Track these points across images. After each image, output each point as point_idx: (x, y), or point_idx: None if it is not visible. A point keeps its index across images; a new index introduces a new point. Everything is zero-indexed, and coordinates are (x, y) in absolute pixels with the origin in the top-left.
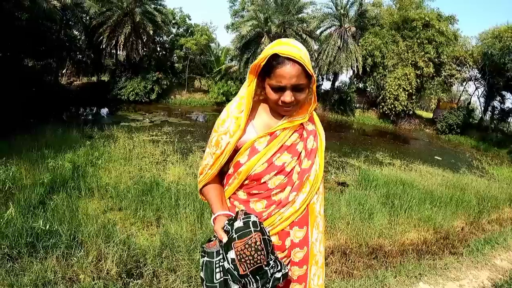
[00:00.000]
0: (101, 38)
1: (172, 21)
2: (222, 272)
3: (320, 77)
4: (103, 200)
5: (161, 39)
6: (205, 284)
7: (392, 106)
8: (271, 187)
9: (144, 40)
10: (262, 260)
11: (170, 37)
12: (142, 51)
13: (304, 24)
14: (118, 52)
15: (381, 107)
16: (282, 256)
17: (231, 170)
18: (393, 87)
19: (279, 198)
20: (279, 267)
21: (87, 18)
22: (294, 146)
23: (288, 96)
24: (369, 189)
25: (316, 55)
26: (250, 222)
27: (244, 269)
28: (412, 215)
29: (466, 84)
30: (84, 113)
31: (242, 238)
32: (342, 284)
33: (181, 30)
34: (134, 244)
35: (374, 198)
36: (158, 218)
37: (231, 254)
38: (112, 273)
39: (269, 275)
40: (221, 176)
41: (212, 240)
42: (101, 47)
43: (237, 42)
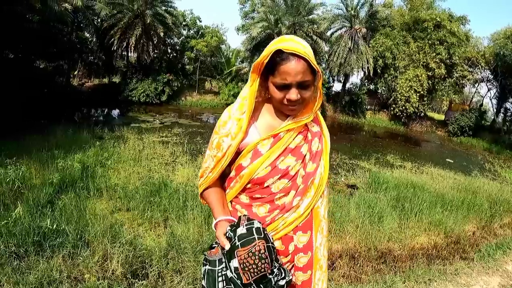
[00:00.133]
0: (112, 40)
1: (183, 23)
2: (224, 281)
3: (331, 78)
4: (112, 200)
5: (172, 41)
6: None
7: (404, 108)
8: (274, 191)
9: (154, 42)
10: (266, 268)
11: (181, 39)
12: (153, 53)
13: (315, 26)
14: (129, 54)
15: (392, 108)
16: (285, 261)
17: (232, 173)
18: (404, 88)
19: (282, 202)
20: (283, 275)
21: (98, 21)
22: (299, 149)
23: (294, 94)
24: (379, 192)
25: (326, 56)
26: (254, 229)
27: (248, 278)
28: (423, 218)
29: (478, 85)
30: (95, 114)
31: (246, 245)
32: None
33: (191, 32)
34: (141, 245)
35: (384, 201)
36: (166, 219)
37: (234, 263)
38: (117, 273)
39: (273, 283)
40: (222, 179)
41: (214, 247)
42: (112, 49)
43: (247, 43)
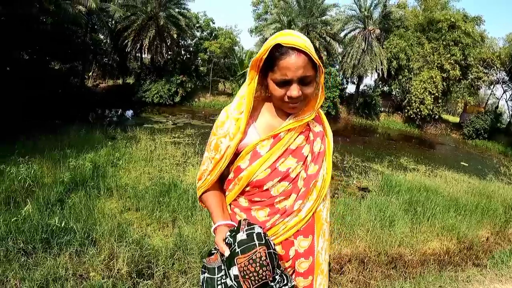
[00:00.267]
0: (126, 41)
1: (196, 24)
2: None
3: (344, 80)
4: (121, 200)
5: (185, 42)
6: None
7: (418, 110)
8: (274, 194)
9: (168, 44)
10: (267, 276)
11: (194, 40)
12: (167, 54)
13: (328, 27)
14: (143, 55)
15: (406, 111)
16: (286, 266)
17: (231, 175)
18: (418, 90)
19: (283, 206)
20: (285, 281)
21: (113, 22)
22: (300, 150)
23: (295, 90)
24: (391, 195)
25: (340, 58)
26: (254, 234)
27: (249, 286)
28: (435, 223)
29: (494, 87)
30: (109, 114)
31: (246, 252)
32: None
33: (205, 33)
34: (148, 245)
35: (396, 205)
36: (174, 220)
37: (234, 270)
38: (123, 272)
39: None
40: (222, 181)
41: (213, 254)
42: (126, 50)
43: (260, 45)
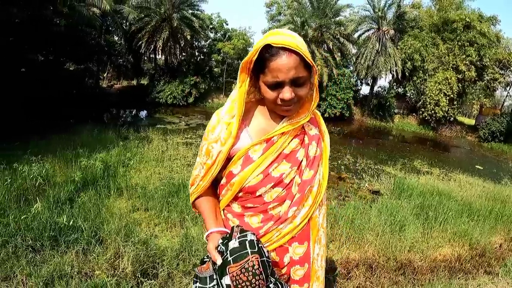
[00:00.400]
0: (140, 43)
1: (210, 26)
2: None
3: (358, 81)
4: (131, 199)
5: (199, 43)
6: None
7: (433, 112)
8: (267, 200)
9: (181, 45)
10: (260, 285)
11: (208, 41)
12: (180, 55)
13: (342, 28)
14: (157, 56)
15: (421, 112)
16: (281, 273)
17: (223, 181)
18: (433, 92)
19: (277, 212)
20: None
21: (127, 24)
22: (294, 154)
23: (287, 92)
24: (402, 199)
25: (354, 59)
26: (247, 242)
27: None
28: (447, 228)
29: (510, 88)
30: (123, 115)
31: (238, 261)
32: None
33: (218, 35)
34: (154, 245)
35: (408, 209)
36: (182, 220)
37: (226, 280)
38: (127, 271)
39: None
40: (215, 185)
41: (205, 262)
42: (140, 51)
43: None
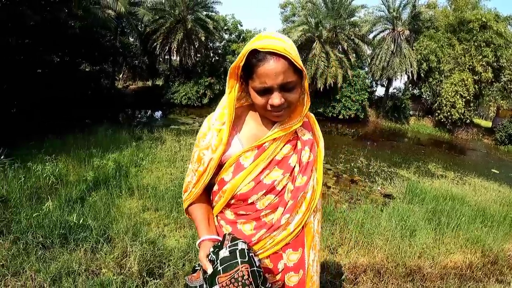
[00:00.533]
0: (155, 44)
1: (224, 27)
2: None
3: (373, 83)
4: (141, 199)
5: (213, 45)
6: None
7: (449, 114)
8: (260, 208)
9: (196, 46)
10: None
11: (223, 43)
12: (195, 56)
13: (356, 28)
14: (172, 57)
15: (436, 114)
16: (275, 280)
17: (216, 187)
18: (449, 93)
19: (270, 219)
20: None
21: (142, 26)
22: (286, 160)
23: (276, 98)
24: (415, 203)
25: (369, 60)
26: (237, 251)
27: None
28: (460, 234)
29: None
30: (138, 115)
31: (228, 271)
32: None
33: (233, 36)
34: (161, 245)
35: (419, 214)
36: (191, 221)
37: None
38: (133, 270)
39: None
40: (209, 191)
41: (196, 270)
42: (155, 53)
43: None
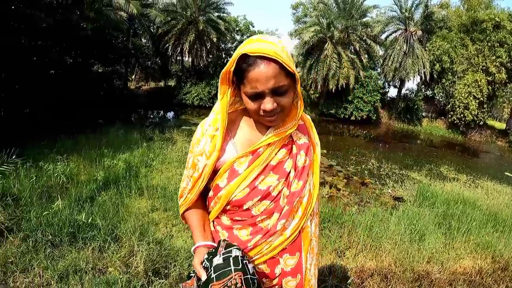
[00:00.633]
0: (167, 45)
1: (236, 28)
2: None
3: (386, 84)
4: (151, 200)
5: (225, 46)
6: None
7: (462, 115)
8: (255, 214)
9: (208, 47)
10: None
11: (235, 44)
12: (207, 57)
13: (368, 29)
14: (184, 58)
15: (450, 116)
16: (272, 284)
17: (211, 193)
18: (462, 94)
19: (266, 225)
20: None
21: (154, 27)
22: (281, 165)
23: (268, 103)
24: (425, 206)
25: (381, 61)
26: (231, 259)
27: None
28: (470, 239)
29: None
30: (150, 116)
31: (221, 278)
32: None
33: (245, 37)
34: (168, 245)
35: (429, 217)
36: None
37: None
38: (139, 269)
39: None
40: (205, 196)
41: (191, 277)
42: (167, 53)
43: (299, 48)
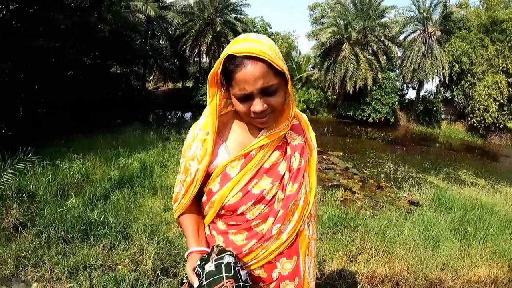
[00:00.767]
0: (184, 47)
1: (253, 30)
2: None
3: (404, 85)
4: (164, 199)
5: None
6: None
7: (481, 118)
8: (250, 218)
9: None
10: None
11: None
12: None
13: (386, 30)
14: (202, 59)
15: (469, 118)
16: None
17: (205, 198)
18: (482, 96)
19: (261, 229)
20: None
21: (172, 29)
22: (275, 168)
23: (258, 105)
24: (441, 212)
25: (399, 62)
26: (223, 265)
27: None
28: (487, 246)
29: None
30: (168, 116)
31: (212, 286)
32: None
33: None
34: (178, 244)
35: (445, 223)
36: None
37: None
38: (147, 267)
39: None
40: (200, 200)
41: (183, 283)
42: (185, 55)
43: (317, 49)
